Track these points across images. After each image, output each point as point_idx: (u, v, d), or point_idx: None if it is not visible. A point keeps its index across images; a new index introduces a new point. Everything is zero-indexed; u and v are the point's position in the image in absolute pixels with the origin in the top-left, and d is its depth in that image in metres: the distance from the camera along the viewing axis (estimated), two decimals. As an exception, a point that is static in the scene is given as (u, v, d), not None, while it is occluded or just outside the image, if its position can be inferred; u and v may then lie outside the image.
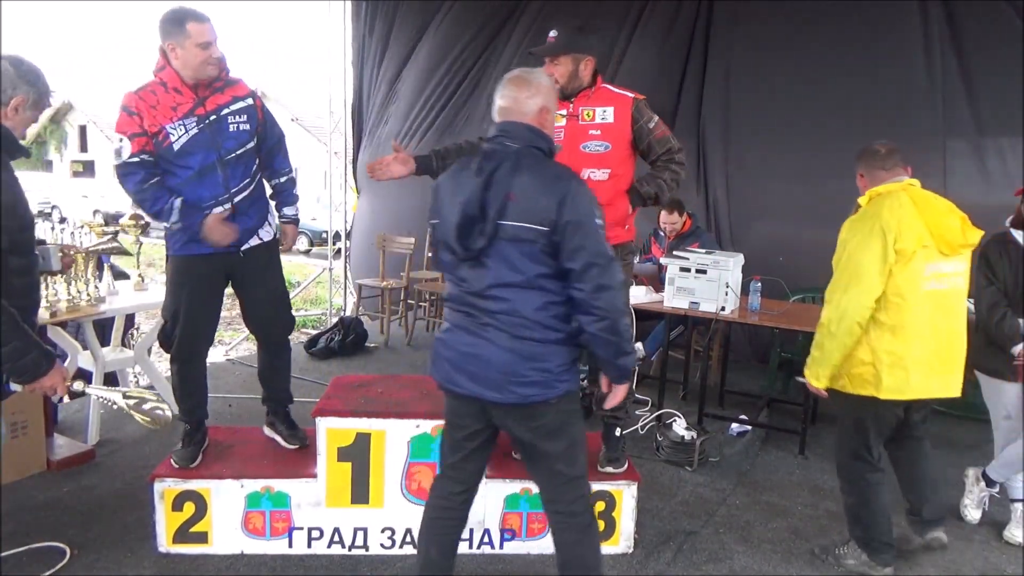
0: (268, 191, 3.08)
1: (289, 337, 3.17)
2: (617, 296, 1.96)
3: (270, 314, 3.02)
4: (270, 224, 2.99)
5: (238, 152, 2.81)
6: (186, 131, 2.70)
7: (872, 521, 2.78)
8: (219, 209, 2.78)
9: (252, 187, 2.89)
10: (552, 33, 2.83)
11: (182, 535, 2.79)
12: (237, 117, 2.80)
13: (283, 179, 3.09)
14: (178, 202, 2.71)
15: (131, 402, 2.18)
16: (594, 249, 1.91)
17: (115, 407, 2.18)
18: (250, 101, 2.86)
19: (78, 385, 2.14)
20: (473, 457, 2.22)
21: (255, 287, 2.96)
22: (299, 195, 3.18)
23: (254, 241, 2.91)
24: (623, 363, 2.04)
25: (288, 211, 3.11)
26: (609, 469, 2.93)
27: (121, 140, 2.70)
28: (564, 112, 2.84)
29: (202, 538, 2.80)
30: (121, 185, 2.76)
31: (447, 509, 2.25)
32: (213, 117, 2.75)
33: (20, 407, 3.34)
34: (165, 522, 2.78)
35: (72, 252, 2.91)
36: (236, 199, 2.82)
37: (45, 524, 2.97)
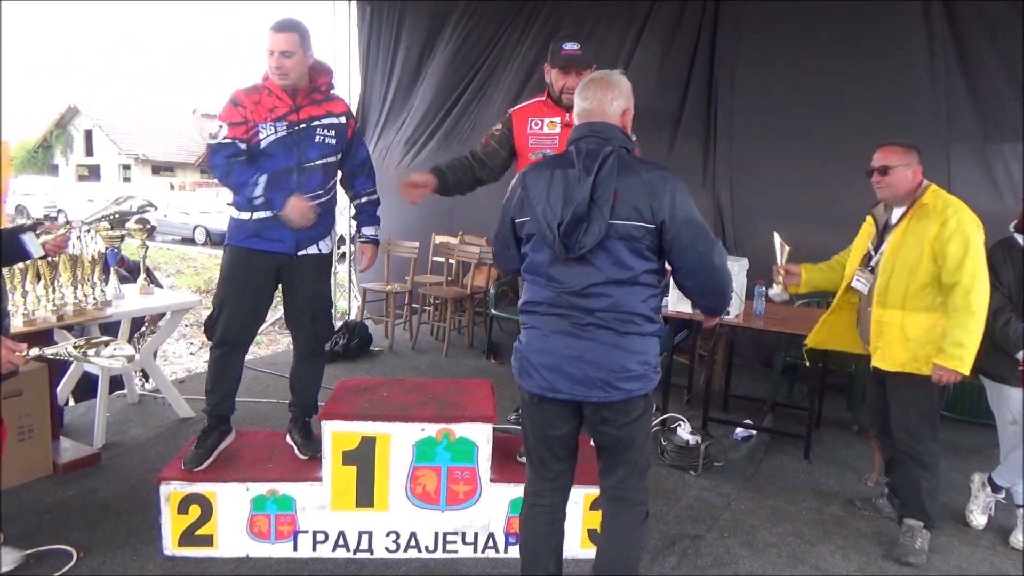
0: (352, 211, 3.25)
1: (323, 347, 3.24)
2: (725, 269, 2.08)
3: (308, 322, 3.07)
4: (331, 239, 3.08)
5: (317, 162, 2.92)
6: (275, 132, 2.85)
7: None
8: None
9: (324, 199, 2.98)
10: (574, 46, 2.89)
11: (187, 538, 2.79)
12: (325, 131, 2.93)
13: (364, 199, 3.18)
14: (263, 178, 2.83)
15: (88, 351, 2.24)
16: (705, 238, 2.01)
17: (70, 357, 2.27)
18: (343, 120, 2.99)
19: (34, 351, 2.25)
20: (572, 457, 2.24)
21: (301, 292, 3.02)
22: (380, 217, 3.23)
23: (312, 249, 2.99)
24: (727, 306, 2.22)
25: (367, 231, 3.20)
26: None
27: (220, 126, 2.87)
28: (558, 119, 2.98)
29: (207, 541, 2.81)
30: (209, 161, 2.93)
31: (559, 520, 2.24)
32: (303, 126, 2.88)
33: (26, 410, 3.35)
34: (170, 525, 2.78)
35: (58, 230, 2.80)
36: None
37: (51, 527, 2.98)
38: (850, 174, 5.00)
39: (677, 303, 4.26)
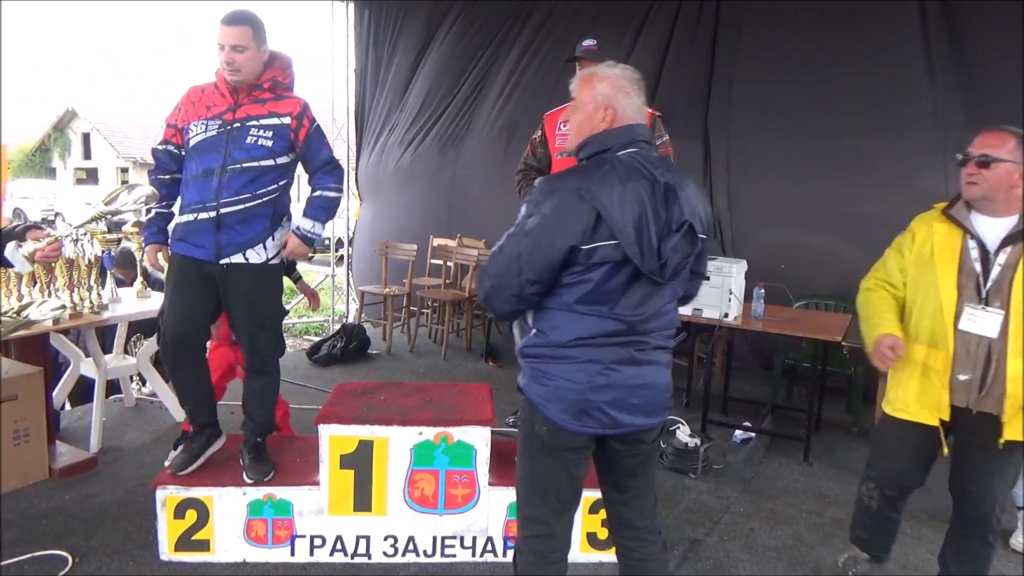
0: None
1: (269, 365, 2.97)
2: None
3: (246, 338, 2.89)
4: (265, 248, 2.79)
5: (245, 164, 2.70)
6: (205, 131, 2.72)
7: None
8: (203, 216, 2.70)
9: (251, 204, 2.73)
10: (591, 42, 2.85)
11: (184, 543, 2.78)
12: (261, 131, 2.71)
13: (316, 192, 2.88)
14: (153, 212, 2.86)
15: (22, 313, 2.24)
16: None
17: (11, 330, 2.29)
18: (286, 120, 2.73)
19: None
20: None
21: (234, 306, 2.83)
22: (326, 214, 2.89)
23: (237, 258, 2.74)
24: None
25: (303, 222, 2.84)
26: None
27: (163, 127, 2.85)
28: None
29: (204, 546, 2.79)
30: None
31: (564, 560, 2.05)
32: (236, 125, 2.70)
33: (22, 415, 3.33)
34: (167, 530, 2.77)
35: (45, 237, 2.55)
36: (223, 210, 2.70)
37: (47, 532, 2.96)
38: (850, 175, 5.03)
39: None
